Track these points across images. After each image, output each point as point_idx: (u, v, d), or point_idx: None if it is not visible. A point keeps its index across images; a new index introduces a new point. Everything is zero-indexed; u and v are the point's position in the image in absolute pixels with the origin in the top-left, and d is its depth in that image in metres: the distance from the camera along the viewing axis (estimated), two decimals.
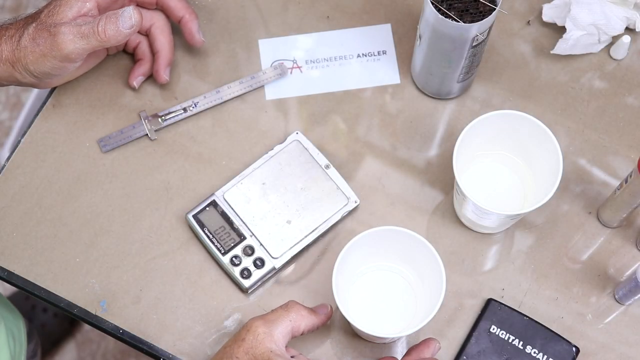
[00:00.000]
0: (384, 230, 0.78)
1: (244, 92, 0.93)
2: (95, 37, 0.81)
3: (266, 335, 0.75)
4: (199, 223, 0.86)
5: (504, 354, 0.82)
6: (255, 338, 0.74)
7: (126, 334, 0.84)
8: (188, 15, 0.89)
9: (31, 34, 0.81)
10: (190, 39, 0.90)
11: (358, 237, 0.78)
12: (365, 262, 0.83)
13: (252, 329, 0.75)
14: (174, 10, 0.89)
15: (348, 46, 0.95)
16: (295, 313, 0.77)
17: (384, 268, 0.84)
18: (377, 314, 0.83)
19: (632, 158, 0.90)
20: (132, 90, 0.92)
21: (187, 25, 0.90)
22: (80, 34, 0.81)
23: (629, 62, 0.94)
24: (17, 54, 0.82)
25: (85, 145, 0.91)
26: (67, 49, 0.81)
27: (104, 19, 0.81)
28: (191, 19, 0.90)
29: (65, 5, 0.82)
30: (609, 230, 0.88)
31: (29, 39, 0.81)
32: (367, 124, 0.92)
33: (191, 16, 0.90)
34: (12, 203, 0.88)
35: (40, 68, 0.82)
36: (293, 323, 0.76)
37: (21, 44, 0.82)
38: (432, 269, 0.78)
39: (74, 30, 0.81)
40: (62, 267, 0.86)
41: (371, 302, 0.83)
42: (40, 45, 0.81)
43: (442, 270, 0.76)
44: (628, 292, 0.83)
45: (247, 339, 0.75)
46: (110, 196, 0.89)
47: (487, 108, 0.92)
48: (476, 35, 0.81)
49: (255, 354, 0.74)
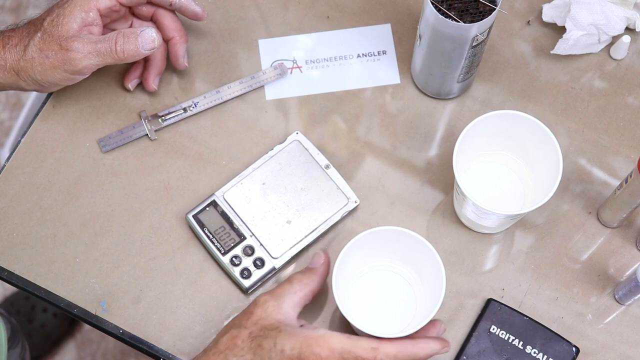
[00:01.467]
0: (384, 230, 0.78)
1: (244, 92, 0.93)
2: (112, 55, 0.83)
3: (275, 307, 0.75)
4: (199, 223, 0.86)
5: (504, 354, 0.82)
6: (265, 311, 0.75)
7: (126, 334, 0.84)
8: (178, 37, 0.90)
9: (38, 45, 0.82)
10: (174, 61, 0.90)
11: (358, 237, 0.78)
12: (365, 262, 0.83)
13: (260, 303, 0.76)
14: (166, 28, 0.89)
15: (348, 46, 0.95)
16: (297, 284, 0.78)
17: (384, 268, 0.84)
18: (377, 313, 0.83)
19: (632, 158, 0.90)
20: (130, 91, 0.92)
21: (174, 47, 0.90)
22: (95, 52, 0.82)
23: (629, 62, 0.94)
24: (22, 64, 0.82)
25: (85, 145, 0.91)
26: (81, 64, 0.82)
27: (121, 38, 0.83)
28: (180, 42, 0.90)
29: (69, 16, 0.83)
30: (609, 230, 0.88)
31: (36, 49, 0.82)
32: (367, 124, 0.92)
33: (181, 39, 0.90)
34: (12, 203, 0.88)
35: (48, 79, 0.83)
36: (299, 294, 0.77)
37: (27, 54, 0.82)
38: (432, 268, 0.78)
39: (89, 47, 0.82)
40: (62, 267, 0.86)
41: (371, 302, 0.83)
42: (49, 58, 0.82)
43: (442, 270, 0.76)
44: (628, 292, 0.83)
45: (255, 312, 0.75)
46: (110, 196, 0.89)
47: (487, 108, 0.92)
48: (476, 35, 0.81)
49: (264, 325, 0.74)
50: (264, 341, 0.73)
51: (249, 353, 0.73)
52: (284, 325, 0.74)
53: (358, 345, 0.73)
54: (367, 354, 0.72)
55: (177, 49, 0.90)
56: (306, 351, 0.72)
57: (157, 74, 0.91)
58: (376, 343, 0.73)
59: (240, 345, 0.74)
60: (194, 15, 0.90)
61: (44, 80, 0.83)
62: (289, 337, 0.73)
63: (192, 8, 0.89)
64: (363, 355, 0.72)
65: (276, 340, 0.73)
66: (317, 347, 0.72)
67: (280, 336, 0.73)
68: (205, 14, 0.90)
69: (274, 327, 0.74)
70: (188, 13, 0.89)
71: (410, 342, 0.74)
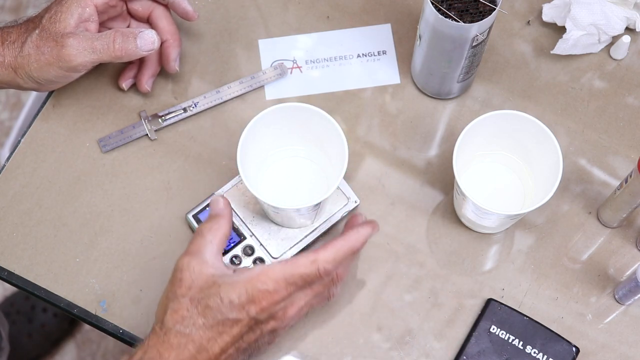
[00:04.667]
0: (287, 108, 0.81)
1: (244, 92, 0.93)
2: (109, 53, 0.83)
3: (200, 264, 0.73)
4: (199, 223, 0.86)
5: (504, 354, 0.82)
6: (193, 272, 0.73)
7: (126, 334, 0.84)
8: (172, 40, 0.89)
9: (35, 42, 0.82)
10: (166, 64, 0.90)
11: (264, 112, 0.80)
12: (274, 147, 0.85)
13: (184, 267, 0.74)
14: (161, 31, 0.89)
15: (348, 46, 0.95)
16: (208, 233, 0.76)
17: (293, 154, 0.87)
18: (290, 193, 0.85)
19: (632, 158, 0.90)
20: (126, 91, 0.92)
21: (167, 50, 0.90)
22: (91, 49, 0.82)
23: (629, 62, 0.94)
24: (19, 61, 0.82)
25: (85, 145, 0.91)
26: (76, 61, 0.82)
27: (119, 37, 0.83)
28: (174, 45, 0.90)
29: (67, 12, 0.83)
30: (609, 230, 0.88)
31: (33, 46, 0.82)
32: (367, 124, 0.92)
33: (174, 42, 0.90)
34: (12, 203, 0.88)
35: (44, 76, 0.83)
36: (215, 242, 0.76)
37: (24, 51, 0.82)
38: (335, 142, 0.80)
39: (84, 44, 0.82)
40: (62, 267, 0.86)
41: (282, 184, 0.86)
42: (45, 54, 0.82)
43: (344, 141, 0.78)
44: (628, 292, 0.83)
45: (184, 277, 0.73)
46: (110, 196, 0.89)
47: (487, 108, 0.92)
48: (476, 35, 0.81)
49: (200, 286, 0.72)
50: (209, 300, 0.72)
51: (199, 318, 0.72)
52: (219, 278, 0.73)
53: (297, 265, 0.72)
54: (309, 269, 0.72)
55: (169, 52, 0.89)
56: (253, 292, 0.71)
57: (151, 75, 0.91)
58: (313, 255, 0.73)
59: (187, 315, 0.72)
60: (184, 13, 0.89)
61: (40, 77, 0.83)
62: (230, 287, 0.72)
63: (183, 5, 0.89)
64: (307, 272, 0.72)
65: (220, 294, 0.71)
66: (261, 284, 0.71)
67: (222, 289, 0.72)
68: (195, 15, 0.90)
69: (211, 284, 0.72)
70: (179, 10, 0.89)
71: (342, 239, 0.74)
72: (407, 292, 0.86)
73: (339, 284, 0.78)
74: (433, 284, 0.86)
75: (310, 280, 0.73)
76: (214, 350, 0.72)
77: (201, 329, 0.72)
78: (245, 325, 0.72)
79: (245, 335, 0.73)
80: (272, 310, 0.72)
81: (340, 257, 0.74)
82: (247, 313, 0.71)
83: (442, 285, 0.86)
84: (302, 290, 0.74)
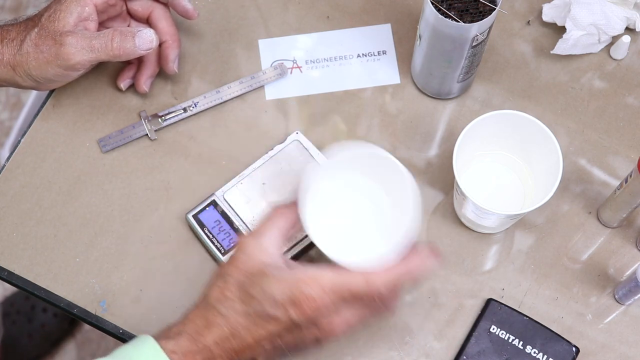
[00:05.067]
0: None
1: (244, 92, 0.93)
2: (107, 52, 0.82)
3: (255, 248, 0.72)
4: (199, 223, 0.86)
5: (504, 354, 0.82)
6: (246, 253, 0.72)
7: (126, 334, 0.85)
8: (171, 41, 0.89)
9: (34, 40, 0.82)
10: (164, 64, 0.90)
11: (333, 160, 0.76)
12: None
13: (241, 247, 0.73)
14: (160, 31, 0.89)
15: (348, 46, 0.95)
16: (278, 218, 0.74)
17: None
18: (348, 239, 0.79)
19: (632, 158, 0.90)
20: (126, 91, 0.92)
21: (166, 51, 0.89)
22: (89, 47, 0.82)
23: (629, 62, 0.94)
24: (18, 59, 0.82)
25: (85, 145, 0.91)
26: (74, 59, 0.82)
27: (118, 35, 0.82)
28: (173, 46, 0.89)
29: (66, 11, 0.83)
30: (609, 230, 0.88)
31: (32, 44, 0.82)
32: (367, 124, 0.92)
33: (174, 43, 0.89)
34: (12, 203, 0.88)
35: (42, 74, 0.83)
36: (281, 228, 0.74)
37: (23, 49, 0.82)
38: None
39: (83, 42, 0.82)
40: (62, 267, 0.86)
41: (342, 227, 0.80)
42: (44, 53, 0.82)
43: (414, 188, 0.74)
44: (628, 292, 0.83)
45: (238, 257, 0.72)
46: (110, 196, 0.89)
47: (487, 108, 0.92)
48: (476, 35, 0.81)
49: (249, 270, 0.71)
50: (253, 289, 0.70)
51: (240, 304, 0.71)
52: (269, 268, 0.71)
53: (350, 280, 0.70)
54: (361, 288, 0.70)
55: (168, 52, 0.89)
56: (297, 294, 0.69)
57: (149, 76, 0.91)
58: (370, 275, 0.70)
59: (229, 297, 0.71)
60: (184, 11, 0.89)
61: (38, 75, 0.83)
62: (276, 282, 0.70)
63: (183, 4, 0.89)
64: (357, 290, 0.70)
65: (263, 286, 0.70)
66: (307, 288, 0.69)
67: (268, 281, 0.70)
68: (195, 14, 0.89)
69: (259, 272, 0.71)
70: (179, 8, 0.89)
71: (405, 265, 0.72)
72: (407, 292, 0.86)
73: (390, 307, 0.75)
74: (433, 284, 0.86)
75: (360, 298, 0.71)
76: (246, 340, 0.71)
77: (239, 315, 0.71)
78: (283, 325, 0.71)
79: (282, 335, 0.71)
80: (314, 318, 0.70)
81: (398, 285, 0.72)
82: (286, 313, 0.70)
83: (442, 285, 0.86)
84: (350, 304, 0.72)
